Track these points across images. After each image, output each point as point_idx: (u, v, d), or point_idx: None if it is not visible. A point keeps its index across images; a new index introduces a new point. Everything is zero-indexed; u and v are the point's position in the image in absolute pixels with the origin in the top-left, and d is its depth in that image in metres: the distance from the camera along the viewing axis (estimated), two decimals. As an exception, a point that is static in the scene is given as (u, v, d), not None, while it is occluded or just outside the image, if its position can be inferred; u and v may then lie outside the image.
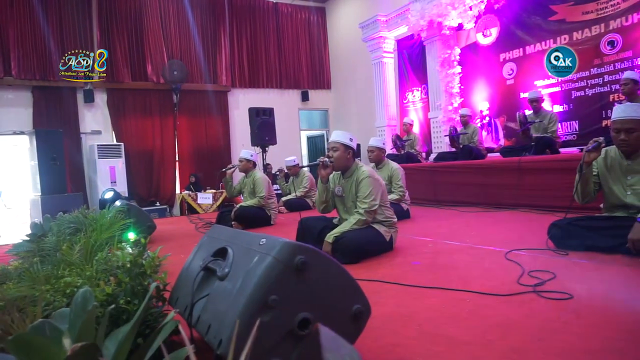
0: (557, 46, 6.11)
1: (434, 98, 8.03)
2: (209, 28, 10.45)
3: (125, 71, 9.39)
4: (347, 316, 1.39)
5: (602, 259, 2.55)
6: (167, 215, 9.43)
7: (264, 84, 11.13)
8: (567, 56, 5.97)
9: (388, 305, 2.02)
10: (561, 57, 5.95)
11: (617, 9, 5.72)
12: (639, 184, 2.75)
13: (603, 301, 1.87)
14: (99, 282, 1.72)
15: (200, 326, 1.43)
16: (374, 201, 2.99)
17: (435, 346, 1.56)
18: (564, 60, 5.94)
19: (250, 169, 5.19)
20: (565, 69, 6.01)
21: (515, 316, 1.78)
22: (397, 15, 8.51)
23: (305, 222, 3.38)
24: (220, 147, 10.47)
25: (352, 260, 2.89)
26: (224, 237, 1.68)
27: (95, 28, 9.19)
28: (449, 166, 6.07)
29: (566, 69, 6.01)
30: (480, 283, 2.24)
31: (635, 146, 2.72)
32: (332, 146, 3.13)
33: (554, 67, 6.05)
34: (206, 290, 1.50)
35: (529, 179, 5.01)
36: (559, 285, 2.11)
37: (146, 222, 4.38)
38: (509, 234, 3.62)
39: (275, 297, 1.26)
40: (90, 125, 9.23)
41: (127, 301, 1.59)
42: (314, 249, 1.35)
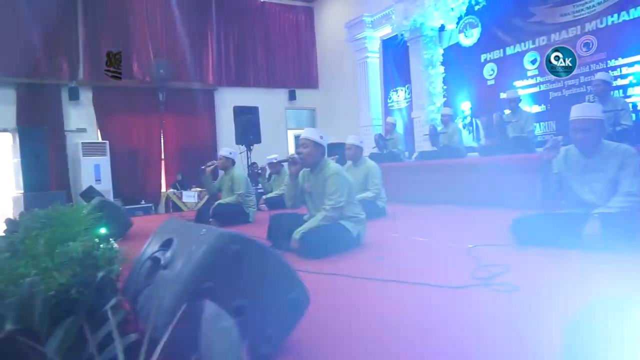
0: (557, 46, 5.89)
1: (417, 98, 8.12)
2: (196, 26, 10.46)
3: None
4: (284, 304, 1.44)
5: (558, 254, 2.62)
6: (152, 213, 9.43)
7: (251, 82, 11.16)
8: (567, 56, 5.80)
9: (342, 298, 2.07)
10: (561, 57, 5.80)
11: (593, 12, 5.83)
12: (597, 182, 2.82)
13: (545, 293, 1.94)
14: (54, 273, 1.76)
15: (142, 313, 1.47)
16: (340, 198, 3.05)
17: (377, 336, 1.61)
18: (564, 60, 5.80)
19: (229, 166, 5.22)
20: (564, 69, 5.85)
21: (459, 308, 1.84)
22: (382, 15, 8.58)
23: (275, 218, 3.43)
24: (207, 146, 10.48)
25: (318, 255, 2.94)
26: (173, 228, 1.73)
27: (80, 25, 9.17)
28: (428, 165, 6.14)
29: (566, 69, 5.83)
30: (436, 276, 2.29)
31: (593, 145, 2.80)
32: (302, 143, 3.19)
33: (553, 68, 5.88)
34: (151, 279, 1.55)
35: (505, 178, 5.09)
36: (510, 279, 2.17)
37: (122, 219, 4.40)
38: (477, 230, 3.69)
39: (210, 284, 1.31)
40: (75, 122, 9.21)
41: (78, 291, 1.62)
42: (250, 239, 1.39)
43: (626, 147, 2.76)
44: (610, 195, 2.75)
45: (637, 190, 2.64)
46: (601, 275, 2.17)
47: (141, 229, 5.26)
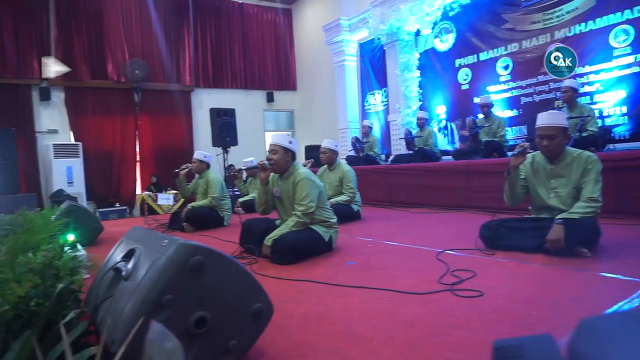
0: (557, 46, 5.88)
1: (393, 101, 8.20)
2: (172, 27, 10.33)
3: (85, 69, 9.17)
4: (247, 314, 1.44)
5: (523, 258, 2.68)
6: (127, 216, 9.27)
7: (228, 84, 11.08)
8: (567, 56, 5.75)
9: (309, 305, 2.08)
10: (561, 57, 5.76)
11: (562, 20, 5.99)
12: (561, 187, 2.91)
13: (508, 298, 1.99)
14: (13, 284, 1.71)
15: (102, 326, 1.45)
16: (310, 203, 3.06)
17: (340, 343, 1.62)
18: (564, 60, 5.74)
19: (204, 169, 5.18)
20: (565, 68, 5.75)
21: (424, 313, 1.87)
22: (359, 19, 8.64)
23: (248, 223, 3.42)
24: (183, 148, 10.35)
25: (290, 261, 2.95)
26: (137, 237, 1.71)
27: (52, 24, 8.95)
28: (403, 168, 6.20)
29: (567, 69, 5.74)
30: (403, 282, 2.33)
31: (557, 151, 2.88)
32: (271, 149, 3.18)
33: (553, 68, 5.78)
34: (112, 291, 1.52)
35: (477, 182, 5.18)
36: (475, 284, 2.22)
37: (92, 223, 4.32)
38: (448, 234, 3.75)
39: (170, 297, 1.30)
40: (47, 123, 8.98)
41: (38, 303, 1.59)
42: (212, 250, 1.39)
43: (588, 154, 2.85)
44: (573, 200, 2.83)
45: (599, 197, 2.72)
46: (564, 279, 2.23)
47: (113, 233, 5.17)
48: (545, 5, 6.16)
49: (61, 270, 1.72)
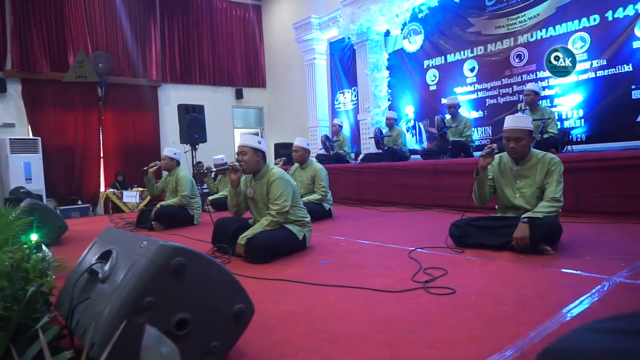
0: (557, 46, 5.83)
1: (363, 100, 8.29)
2: (139, 20, 10.04)
3: (44, 61, 8.79)
4: (229, 316, 1.44)
5: (491, 256, 2.79)
6: (91, 214, 8.96)
7: (196, 80, 10.89)
8: (567, 56, 5.69)
9: (286, 304, 2.09)
10: (561, 57, 5.69)
11: (525, 25, 6.23)
12: (526, 188, 3.03)
13: (478, 295, 2.06)
14: (-23, 287, 1.64)
15: (78, 329, 1.41)
16: (285, 202, 3.06)
17: (319, 341, 1.65)
18: (564, 60, 5.69)
19: (174, 167, 5.08)
20: (564, 69, 5.73)
21: (400, 311, 1.92)
22: (329, 18, 8.68)
23: (220, 222, 3.39)
24: (150, 144, 10.10)
25: (264, 260, 2.95)
26: (112, 239, 1.67)
27: (8, 12, 8.51)
28: (373, 167, 6.29)
29: (565, 70, 5.73)
30: (378, 280, 2.38)
31: (523, 153, 3.00)
32: (240, 150, 3.16)
33: (553, 68, 5.72)
34: (88, 293, 1.49)
35: (445, 181, 5.32)
36: (447, 282, 2.29)
37: (56, 222, 4.16)
38: (419, 233, 3.85)
39: (151, 299, 1.29)
40: (2, 117, 8.55)
41: (5, 307, 1.53)
42: (193, 251, 1.38)
43: (552, 156, 2.99)
44: (537, 200, 2.96)
45: (560, 197, 2.86)
46: (529, 276, 2.34)
47: (77, 232, 5.01)
48: (510, 11, 6.39)
49: (30, 273, 1.66)
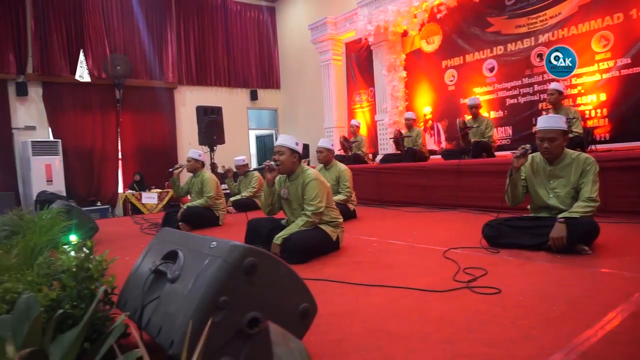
0: (557, 46, 5.90)
1: (380, 101, 8.30)
2: (155, 23, 10.15)
3: (63, 64, 8.91)
4: (295, 314, 1.47)
5: (528, 256, 2.80)
6: (109, 215, 9.06)
7: (212, 82, 10.97)
8: (567, 56, 5.75)
9: (334, 304, 2.12)
10: (561, 57, 5.76)
11: (545, 25, 6.20)
12: (560, 188, 3.03)
13: (525, 294, 2.08)
14: (41, 287, 1.69)
15: (150, 328, 1.45)
16: (320, 203, 3.09)
17: (377, 340, 1.67)
18: (564, 60, 5.75)
19: (199, 168, 5.13)
20: (565, 69, 5.78)
21: (450, 310, 1.94)
22: (345, 18, 8.70)
23: (253, 223, 3.42)
24: (166, 146, 10.21)
25: (299, 260, 2.97)
26: (174, 240, 1.71)
27: (29, 17, 8.65)
28: (393, 168, 6.30)
29: (566, 69, 5.78)
30: (420, 280, 2.40)
31: (556, 153, 3.00)
32: (277, 150, 3.20)
33: (553, 68, 5.79)
34: (156, 293, 1.52)
35: (467, 181, 5.33)
36: (489, 281, 2.31)
37: (88, 223, 4.22)
38: (448, 233, 3.85)
39: (225, 298, 1.32)
40: (24, 120, 8.69)
41: (72, 306, 1.57)
42: (263, 251, 1.41)
43: (586, 156, 2.99)
44: (572, 200, 2.96)
45: (597, 197, 2.86)
46: (571, 275, 2.34)
47: (103, 233, 5.07)
48: (530, 10, 6.36)
49: (94, 273, 1.71)
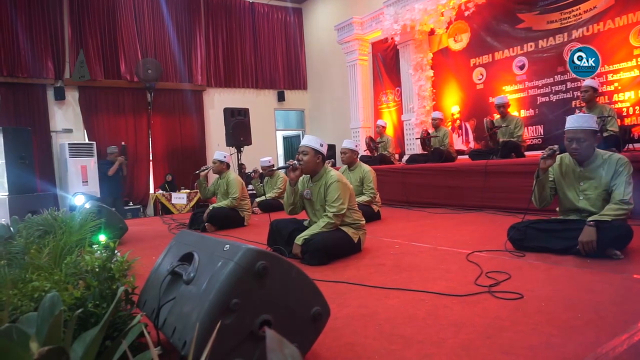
0: (580, 46, 5.89)
1: (407, 101, 8.20)
2: (184, 26, 10.38)
3: (98, 69, 9.24)
4: (307, 317, 1.48)
5: (555, 260, 2.71)
6: (141, 215, 9.33)
7: (240, 83, 11.12)
8: (591, 56, 5.75)
9: (351, 306, 2.11)
10: (584, 57, 5.75)
11: (579, 19, 5.98)
12: (590, 190, 2.92)
13: (549, 300, 2.01)
14: (67, 286, 1.76)
15: (166, 328, 1.48)
16: (342, 205, 3.09)
17: (391, 345, 1.65)
18: (587, 60, 5.74)
19: (224, 170, 5.22)
20: (588, 69, 5.74)
21: (468, 315, 1.90)
22: (372, 18, 8.64)
23: (276, 224, 3.45)
24: (195, 147, 10.43)
25: (321, 261, 2.98)
26: (191, 242, 1.74)
27: (66, 24, 9.01)
28: (419, 168, 6.22)
29: (589, 69, 5.76)
30: (440, 284, 2.36)
31: (586, 154, 2.89)
32: (302, 150, 3.21)
33: (576, 68, 5.77)
34: (173, 294, 1.56)
35: (495, 182, 5.20)
36: (512, 286, 2.25)
37: (118, 223, 4.37)
38: (472, 235, 3.77)
39: (237, 301, 1.33)
40: (61, 123, 9.05)
41: (95, 305, 1.63)
42: (274, 255, 1.42)
43: (619, 156, 2.86)
44: (603, 203, 2.84)
45: (630, 199, 2.73)
46: (601, 281, 2.25)
47: (132, 232, 5.22)
48: (563, 5, 6.15)
49: (116, 273, 1.76)
